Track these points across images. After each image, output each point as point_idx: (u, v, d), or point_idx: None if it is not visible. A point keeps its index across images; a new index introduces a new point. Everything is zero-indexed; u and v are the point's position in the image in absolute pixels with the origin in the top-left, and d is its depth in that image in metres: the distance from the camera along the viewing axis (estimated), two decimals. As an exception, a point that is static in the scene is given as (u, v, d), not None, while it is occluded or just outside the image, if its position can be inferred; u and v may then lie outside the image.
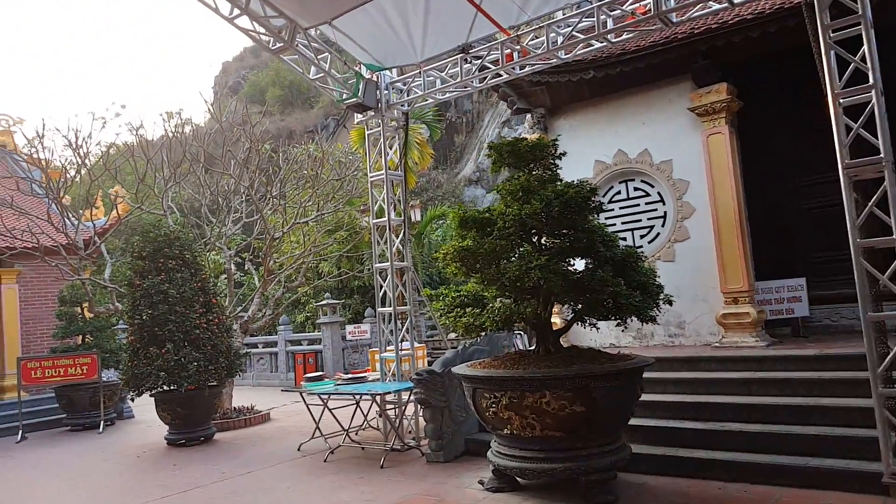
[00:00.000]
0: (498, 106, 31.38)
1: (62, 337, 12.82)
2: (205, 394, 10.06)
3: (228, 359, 10.34)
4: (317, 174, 12.56)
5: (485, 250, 5.77)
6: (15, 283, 13.84)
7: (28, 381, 11.77)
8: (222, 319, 10.57)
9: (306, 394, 8.91)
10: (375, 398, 8.10)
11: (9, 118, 16.83)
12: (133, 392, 9.93)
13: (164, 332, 9.79)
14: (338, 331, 17.16)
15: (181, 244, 10.28)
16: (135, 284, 10.01)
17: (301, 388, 9.06)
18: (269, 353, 18.46)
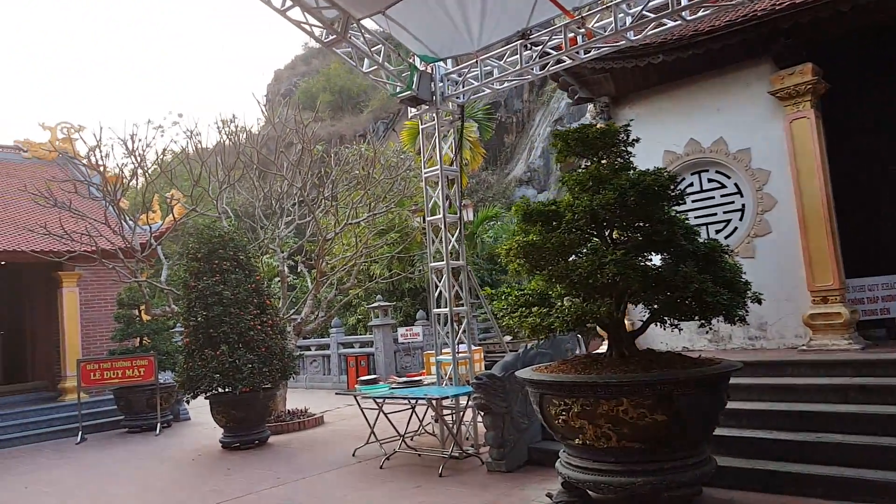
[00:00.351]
0: (549, 104, 30.78)
1: (120, 339, 12.96)
2: (259, 396, 9.91)
3: (282, 361, 10.18)
4: (368, 174, 12.33)
5: (552, 245, 5.34)
6: (76, 286, 14.09)
7: (87, 382, 11.90)
8: (276, 321, 10.42)
9: (360, 397, 8.64)
10: (432, 403, 7.74)
11: (70, 126, 17.27)
12: (188, 394, 9.87)
13: (219, 333, 9.69)
14: (389, 333, 16.93)
15: (235, 245, 10.18)
16: (190, 286, 9.96)
17: (355, 392, 8.79)
18: (321, 355, 18.39)
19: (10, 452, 11.23)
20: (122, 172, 10.45)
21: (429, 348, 17.75)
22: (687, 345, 8.33)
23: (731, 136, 8.00)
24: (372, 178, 12.29)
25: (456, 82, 8.07)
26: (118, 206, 11.01)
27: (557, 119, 30.10)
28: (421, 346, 17.34)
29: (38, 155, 16.89)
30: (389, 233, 14.11)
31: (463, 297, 8.25)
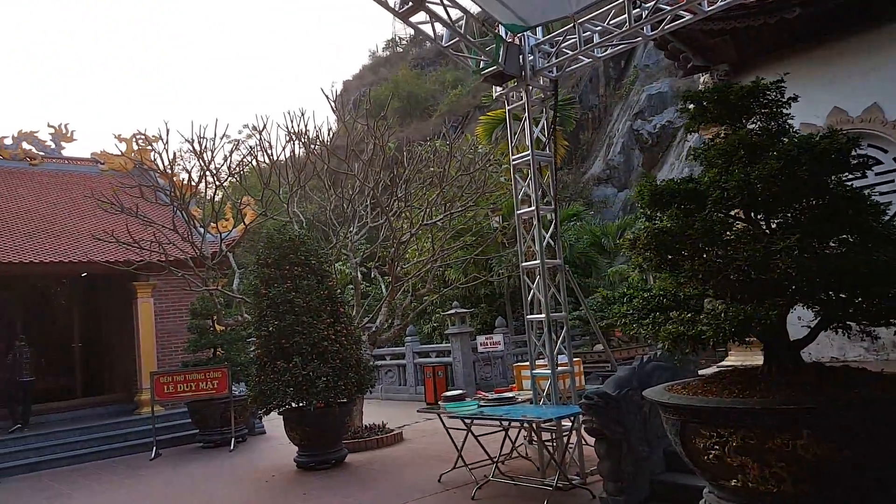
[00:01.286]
0: (628, 98, 29.18)
1: (194, 350, 12.56)
2: (334, 412, 9.13)
3: (358, 373, 9.37)
4: (444, 171, 11.44)
5: (695, 232, 4.21)
6: (150, 296, 13.87)
7: (161, 396, 11.51)
8: (351, 330, 9.64)
9: (446, 415, 7.67)
10: (532, 426, 6.67)
11: (144, 136, 17.28)
12: (260, 410, 9.20)
13: (291, 344, 8.98)
14: (468, 342, 15.97)
15: (307, 250, 9.48)
16: (261, 294, 9.32)
17: (439, 410, 7.83)
18: (396, 364, 17.62)
19: (84, 469, 10.93)
20: (190, 176, 10.00)
21: (510, 359, 16.79)
22: (836, 354, 6.92)
23: (889, 102, 6.58)
24: (448, 175, 11.38)
25: (548, 53, 7.03)
26: (187, 211, 10.55)
27: (637, 113, 28.49)
28: (501, 355, 16.30)
29: (114, 167, 16.94)
30: (465, 235, 13.16)
31: (561, 301, 7.16)
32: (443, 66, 45.17)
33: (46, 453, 11.19)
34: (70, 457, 11.26)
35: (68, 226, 13.96)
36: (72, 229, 13.84)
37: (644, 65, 30.79)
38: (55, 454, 11.24)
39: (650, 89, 29.01)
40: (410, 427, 12.12)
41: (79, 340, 15.07)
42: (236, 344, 12.92)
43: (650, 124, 28.20)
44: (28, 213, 14.02)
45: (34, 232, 13.29)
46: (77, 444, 11.63)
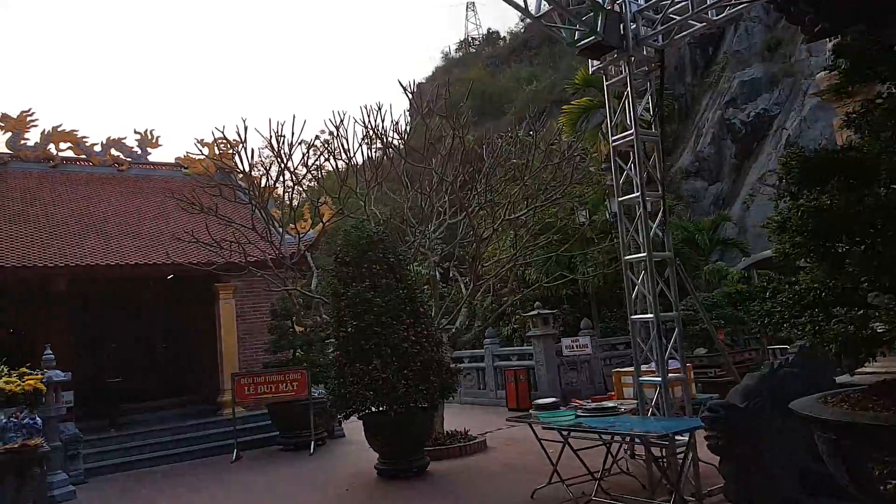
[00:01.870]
0: (718, 85, 27.47)
1: (274, 351, 12.41)
2: (416, 418, 8.63)
3: (441, 377, 8.83)
4: (527, 162, 10.75)
5: (866, 210, 3.38)
6: (232, 297, 13.87)
7: (241, 397, 11.38)
8: (432, 332, 9.11)
9: (539, 426, 7.00)
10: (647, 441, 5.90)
11: (226, 140, 17.46)
12: (340, 414, 8.82)
13: (371, 346, 8.55)
14: (551, 345, 15.16)
15: (385, 247, 9.03)
16: (339, 293, 8.94)
17: (531, 419, 7.16)
18: (475, 368, 17.00)
19: (167, 471, 10.92)
20: (268, 175, 9.77)
21: (597, 363, 15.87)
22: None
23: None
24: (531, 167, 10.69)
25: (652, 21, 6.25)
26: (266, 211, 10.36)
27: (729, 101, 26.76)
28: (588, 359, 15.40)
29: (197, 171, 17.16)
30: (548, 231, 12.40)
31: (671, 299, 6.34)
32: (517, 62, 44.39)
33: (133, 453, 11.27)
34: (153, 458, 11.30)
35: (153, 229, 14.17)
36: (156, 232, 14.05)
37: (734, 50, 28.93)
38: (140, 455, 11.31)
39: (742, 76, 27.18)
40: (494, 434, 11.48)
41: (163, 342, 15.35)
42: (315, 345, 12.70)
43: (743, 113, 26.38)
44: (115, 216, 14.34)
45: (120, 235, 13.55)
46: (160, 445, 11.68)
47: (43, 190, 14.35)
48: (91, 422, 12.63)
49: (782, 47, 27.97)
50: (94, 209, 14.34)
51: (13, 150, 14.88)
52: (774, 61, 27.77)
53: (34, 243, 12.07)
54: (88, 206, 14.36)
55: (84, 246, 12.56)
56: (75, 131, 15.90)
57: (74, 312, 14.02)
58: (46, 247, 12.05)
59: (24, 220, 12.91)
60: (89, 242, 12.80)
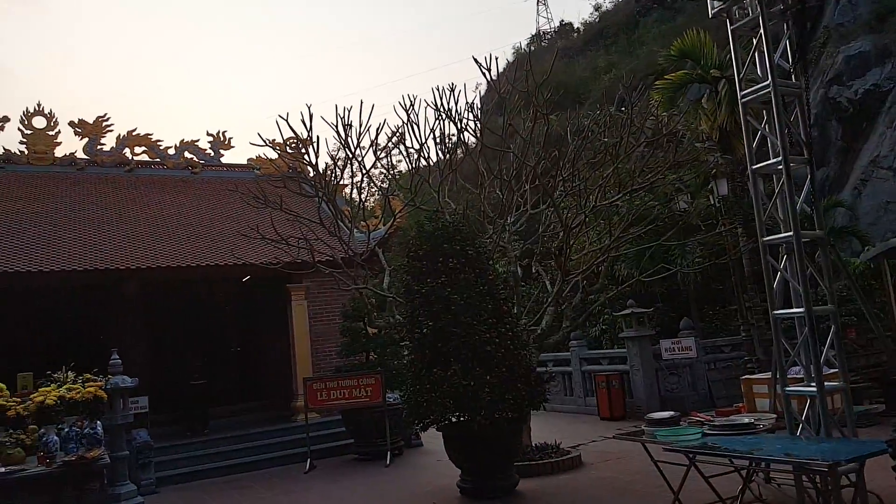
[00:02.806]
0: (819, 62, 24.95)
1: (346, 355, 11.72)
2: (503, 430, 7.61)
3: (529, 384, 7.77)
4: (620, 140, 9.53)
5: None
6: (304, 299, 13.31)
7: (314, 403, 10.72)
8: (517, 333, 8.08)
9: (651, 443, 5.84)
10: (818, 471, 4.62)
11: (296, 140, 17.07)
12: (417, 425, 7.92)
13: (449, 348, 7.61)
14: (648, 347, 13.78)
15: (463, 238, 8.07)
16: (412, 291, 8.05)
17: (644, 437, 6.00)
18: (560, 372, 15.77)
19: (239, 480, 10.38)
20: (335, 163, 9.02)
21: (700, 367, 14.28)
22: None
23: None
24: (627, 145, 9.47)
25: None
26: (334, 204, 9.62)
27: (833, 78, 24.22)
28: (690, 363, 13.91)
29: (269, 171, 16.89)
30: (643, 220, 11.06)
31: (826, 288, 5.04)
32: (593, 52, 42.65)
33: (205, 461, 10.82)
34: (226, 466, 10.81)
35: (225, 230, 13.83)
36: (228, 234, 13.69)
37: (837, 23, 26.21)
38: (212, 463, 10.84)
39: (847, 50, 24.49)
40: (588, 448, 10.32)
41: (237, 344, 15.01)
42: (389, 348, 11.91)
43: (850, 90, 23.74)
44: (188, 219, 14.11)
45: (192, 237, 13.27)
46: (234, 452, 11.19)
47: (117, 194, 14.31)
48: (173, 427, 12.35)
49: (893, 16, 25.13)
50: (166, 212, 14.17)
51: (90, 156, 14.96)
52: (885, 32, 24.95)
53: (107, 246, 11.89)
54: (161, 209, 14.20)
55: (156, 248, 12.30)
56: (149, 135, 15.88)
57: (148, 316, 13.88)
58: (119, 250, 11.84)
59: (99, 223, 12.81)
60: (161, 245, 12.54)
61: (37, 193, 13.19)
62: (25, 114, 14.00)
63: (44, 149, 14.11)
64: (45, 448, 6.56)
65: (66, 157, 14.67)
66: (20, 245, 11.05)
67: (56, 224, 12.19)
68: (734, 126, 12.95)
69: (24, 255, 10.71)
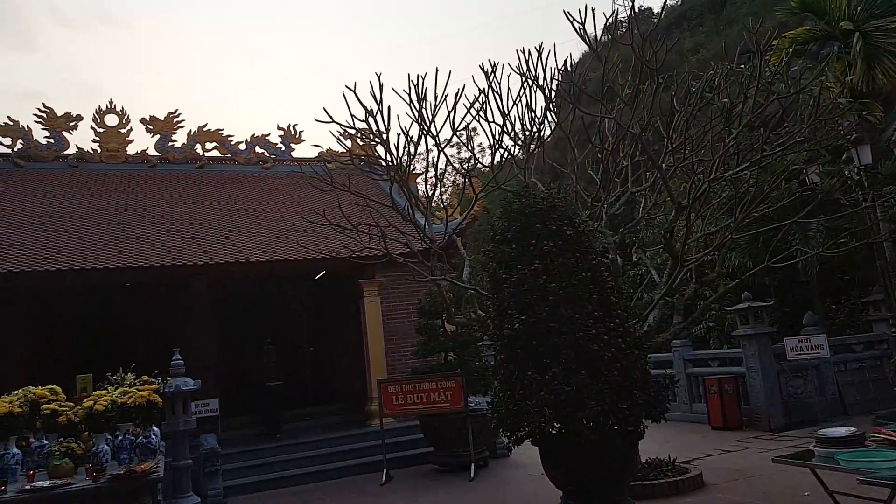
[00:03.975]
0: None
1: (423, 355, 10.65)
2: (616, 446, 6.25)
3: (647, 391, 6.39)
4: (744, 100, 7.97)
5: None
6: (377, 295, 12.38)
7: (389, 408, 9.70)
8: (628, 328, 6.71)
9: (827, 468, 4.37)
10: None
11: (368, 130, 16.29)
12: (508, 437, 6.69)
13: (546, 347, 6.33)
14: (767, 346, 11.99)
15: (560, 216, 6.78)
16: (499, 280, 6.83)
17: (814, 459, 4.54)
18: (661, 375, 14.09)
19: (310, 491, 9.53)
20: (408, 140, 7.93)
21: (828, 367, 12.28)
22: None
23: None
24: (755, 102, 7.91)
25: None
26: (407, 186, 8.54)
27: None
28: (817, 363, 12.03)
29: (341, 164, 16.19)
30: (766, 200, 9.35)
31: None
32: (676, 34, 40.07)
33: (275, 469, 10.04)
34: (298, 476, 9.99)
35: (295, 226, 13.12)
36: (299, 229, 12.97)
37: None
38: (283, 471, 10.05)
39: None
40: (705, 463, 8.84)
41: (309, 344, 14.26)
42: (469, 347, 10.75)
43: None
44: (258, 214, 13.50)
45: (262, 233, 12.61)
46: (307, 460, 10.36)
47: (187, 190, 13.90)
48: (245, 430, 11.72)
49: None
50: (236, 207, 13.61)
51: (161, 153, 14.66)
52: None
53: (174, 243, 11.35)
54: (231, 205, 13.66)
55: (225, 245, 11.69)
56: (220, 130, 15.47)
57: (220, 315, 13.34)
58: (187, 246, 11.28)
59: (168, 220, 12.34)
60: (230, 241, 11.93)
61: (106, 190, 12.90)
62: (98, 112, 13.80)
63: (116, 146, 13.87)
64: (94, 459, 5.79)
65: (138, 154, 14.41)
66: (88, 242, 10.66)
67: (125, 221, 11.80)
68: (870, 86, 11.02)
69: (91, 252, 10.28)
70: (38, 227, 10.99)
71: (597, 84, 9.09)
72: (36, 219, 11.28)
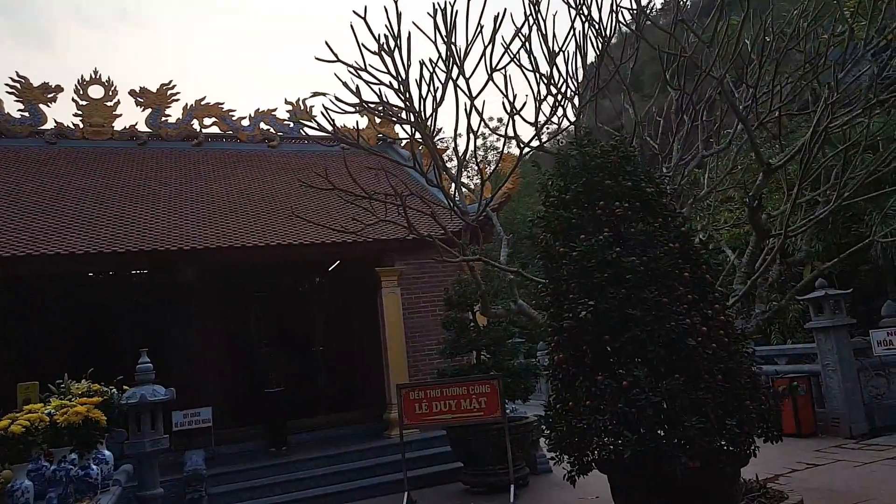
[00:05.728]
0: None
1: (451, 354, 9.10)
2: (724, 476, 4.67)
3: (757, 400, 4.80)
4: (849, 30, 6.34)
5: None
6: (397, 285, 10.83)
7: (411, 418, 8.13)
8: (729, 316, 5.12)
9: None
10: None
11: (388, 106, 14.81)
12: (571, 463, 5.13)
13: (623, 343, 4.76)
14: (846, 341, 10.30)
15: (635, 169, 5.20)
16: (554, 255, 5.26)
17: None
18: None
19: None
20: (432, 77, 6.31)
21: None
22: None
23: None
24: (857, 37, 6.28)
25: None
26: (433, 143, 6.94)
27: None
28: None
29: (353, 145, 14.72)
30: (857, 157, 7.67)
31: None
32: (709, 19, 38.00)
33: (276, 492, 8.51)
34: (305, 499, 8.43)
35: (302, 208, 11.61)
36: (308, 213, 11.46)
37: None
38: (287, 494, 8.53)
39: None
40: (791, 480, 7.29)
41: (320, 343, 12.71)
42: (505, 344, 9.18)
43: None
44: (261, 196, 12.01)
45: (265, 215, 11.10)
46: (314, 480, 8.82)
47: (180, 170, 12.43)
48: (250, 443, 10.25)
49: None
50: (236, 188, 12.12)
51: (153, 129, 13.21)
52: None
53: (159, 227, 9.84)
54: (231, 186, 12.17)
55: (219, 228, 10.19)
56: (220, 104, 13.99)
57: (223, 311, 11.89)
58: (174, 230, 9.79)
59: (154, 201, 10.85)
60: (226, 225, 10.43)
61: (87, 170, 11.43)
62: (80, 82, 12.36)
63: (101, 121, 12.43)
64: (10, 500, 4.26)
65: (126, 129, 12.96)
66: (54, 225, 9.17)
67: (104, 202, 10.31)
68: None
69: (57, 235, 8.80)
70: (2, 208, 9.54)
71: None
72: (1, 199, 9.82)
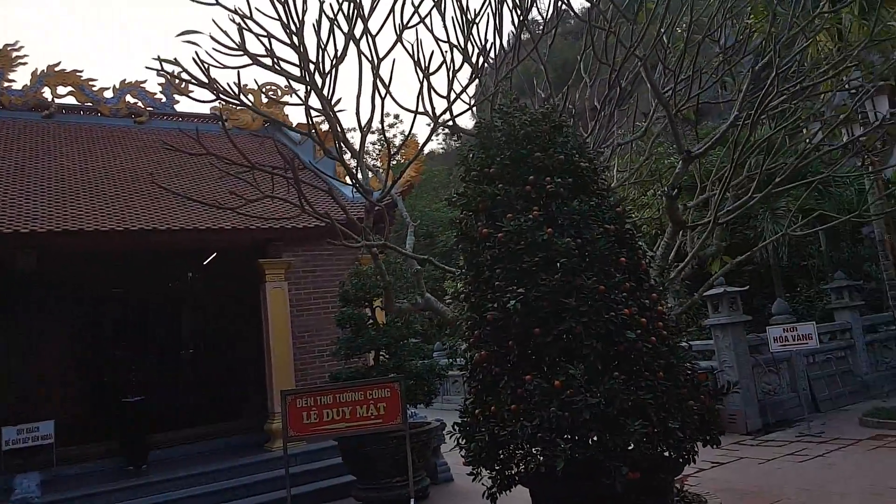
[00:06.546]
0: None
1: (346, 355, 8.12)
2: (662, 484, 4.12)
3: (699, 399, 4.32)
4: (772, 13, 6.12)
5: None
6: (283, 279, 9.70)
7: (298, 429, 7.04)
8: (665, 309, 4.61)
9: None
10: None
11: (276, 87, 13.56)
12: (493, 478, 4.40)
13: (554, 338, 4.10)
14: (742, 337, 10.43)
15: (567, 141, 4.57)
16: (479, 236, 4.52)
17: None
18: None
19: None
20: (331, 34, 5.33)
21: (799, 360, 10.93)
22: None
23: None
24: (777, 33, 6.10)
25: None
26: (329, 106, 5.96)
27: None
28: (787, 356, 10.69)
29: (240, 124, 13.36)
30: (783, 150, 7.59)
31: None
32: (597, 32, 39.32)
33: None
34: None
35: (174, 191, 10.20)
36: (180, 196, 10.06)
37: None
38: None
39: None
40: (702, 480, 7.02)
41: (190, 345, 11.25)
42: (407, 342, 8.35)
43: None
44: (124, 175, 10.43)
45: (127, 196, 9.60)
46: (181, 503, 7.51)
47: (24, 143, 10.56)
48: (106, 461, 8.73)
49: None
50: (92, 166, 10.45)
51: (-9, 95, 11.19)
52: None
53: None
54: (85, 162, 10.48)
55: (66, 210, 8.62)
56: (78, 72, 12.12)
57: (69, 309, 10.20)
58: (8, 208, 8.13)
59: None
60: (76, 206, 8.86)
61: None
62: None
63: (-81, 81, 10.31)
64: None
65: (-48, 96, 10.88)
66: None
67: None
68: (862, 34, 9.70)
69: None
70: None
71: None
72: None
